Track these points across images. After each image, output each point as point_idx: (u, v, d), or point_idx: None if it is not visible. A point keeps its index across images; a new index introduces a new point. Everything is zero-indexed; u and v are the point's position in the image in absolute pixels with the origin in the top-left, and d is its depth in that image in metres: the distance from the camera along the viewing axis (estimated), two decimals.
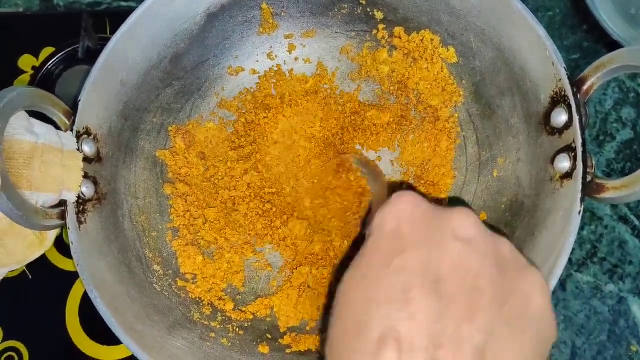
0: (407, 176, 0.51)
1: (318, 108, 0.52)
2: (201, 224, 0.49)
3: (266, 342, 0.45)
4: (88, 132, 0.43)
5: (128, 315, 0.40)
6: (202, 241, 0.49)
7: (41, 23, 0.64)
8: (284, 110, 0.52)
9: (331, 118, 0.52)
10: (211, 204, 0.50)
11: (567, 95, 0.39)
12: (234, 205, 0.50)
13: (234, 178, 0.51)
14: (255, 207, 0.50)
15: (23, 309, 0.53)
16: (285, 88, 0.53)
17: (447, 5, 0.47)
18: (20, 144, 0.37)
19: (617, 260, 0.54)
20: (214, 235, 0.49)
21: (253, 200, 0.50)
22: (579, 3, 0.60)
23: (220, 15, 0.50)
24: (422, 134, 0.51)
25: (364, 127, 0.52)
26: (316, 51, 0.54)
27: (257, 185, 0.51)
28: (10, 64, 0.61)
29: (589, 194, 0.38)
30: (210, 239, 0.49)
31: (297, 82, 0.54)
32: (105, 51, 0.44)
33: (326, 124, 0.52)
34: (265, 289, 0.49)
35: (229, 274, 0.48)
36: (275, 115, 0.52)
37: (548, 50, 0.40)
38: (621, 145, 0.57)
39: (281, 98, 0.53)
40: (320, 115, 0.52)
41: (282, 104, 0.53)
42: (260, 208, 0.50)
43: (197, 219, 0.49)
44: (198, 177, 0.50)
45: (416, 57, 0.51)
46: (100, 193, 0.44)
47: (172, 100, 0.51)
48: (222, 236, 0.49)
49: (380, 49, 0.52)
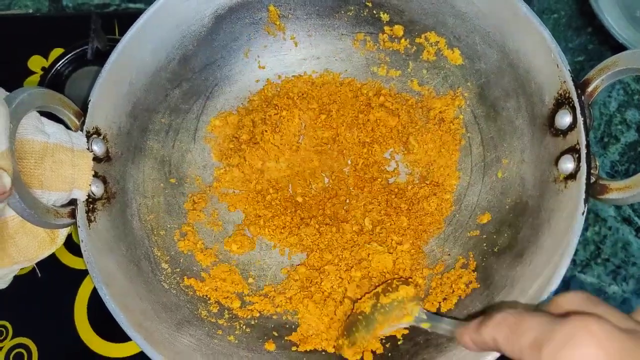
0: (412, 176, 0.51)
1: (325, 108, 0.53)
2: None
3: (272, 340, 0.45)
4: (98, 132, 0.44)
5: (136, 312, 0.41)
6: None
7: (50, 24, 0.65)
8: (292, 109, 0.53)
9: (338, 116, 0.53)
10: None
11: (572, 97, 0.39)
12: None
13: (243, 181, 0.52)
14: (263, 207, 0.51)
15: (32, 306, 0.54)
16: (292, 88, 0.54)
17: (452, 8, 0.47)
18: (32, 144, 0.38)
19: (620, 262, 0.54)
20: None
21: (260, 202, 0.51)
22: (584, 6, 0.61)
23: (227, 17, 0.50)
24: (427, 135, 0.51)
25: (370, 127, 0.52)
26: (323, 52, 0.55)
27: (264, 188, 0.52)
28: (20, 64, 0.62)
29: (593, 195, 0.38)
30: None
31: (304, 82, 0.54)
32: (114, 53, 0.45)
33: (333, 122, 0.52)
34: (273, 287, 0.49)
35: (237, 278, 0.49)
36: (283, 113, 0.53)
37: (552, 53, 0.40)
38: (625, 147, 0.57)
39: (289, 98, 0.53)
40: (325, 115, 0.53)
41: (289, 104, 0.53)
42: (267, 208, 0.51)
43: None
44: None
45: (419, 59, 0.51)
46: (110, 192, 0.44)
47: (180, 100, 0.51)
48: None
49: (386, 51, 0.53)
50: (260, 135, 0.52)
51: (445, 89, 0.51)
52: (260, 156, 0.52)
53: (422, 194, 0.50)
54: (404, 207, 0.50)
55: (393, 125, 0.52)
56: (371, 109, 0.52)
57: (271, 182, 0.52)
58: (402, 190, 0.51)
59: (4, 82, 0.60)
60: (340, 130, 0.52)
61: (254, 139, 0.52)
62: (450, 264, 0.47)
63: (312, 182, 0.52)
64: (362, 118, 0.52)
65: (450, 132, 0.51)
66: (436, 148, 0.51)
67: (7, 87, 0.39)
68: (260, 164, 0.52)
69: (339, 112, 0.53)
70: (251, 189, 0.52)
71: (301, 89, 0.54)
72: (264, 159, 0.52)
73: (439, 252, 0.48)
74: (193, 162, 0.53)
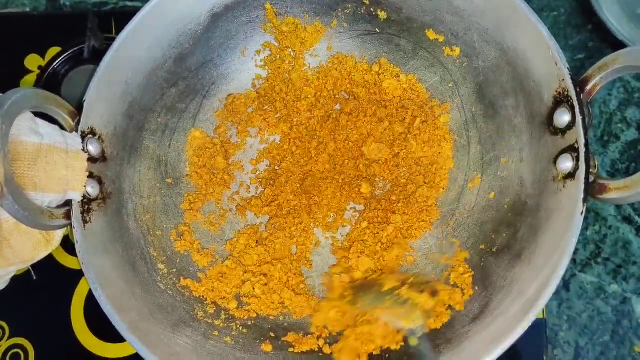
0: (410, 175, 0.51)
1: (320, 106, 0.53)
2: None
3: (269, 341, 0.45)
4: (93, 132, 0.44)
5: (132, 314, 0.41)
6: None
7: (47, 23, 0.64)
8: (288, 107, 0.53)
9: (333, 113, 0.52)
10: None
11: (570, 96, 0.39)
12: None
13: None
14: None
15: (29, 306, 0.54)
16: (289, 87, 0.54)
17: (450, 5, 0.47)
18: (25, 145, 0.38)
19: (621, 261, 0.54)
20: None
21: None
22: (583, 3, 0.60)
23: (224, 15, 0.50)
24: (425, 134, 0.51)
25: (366, 124, 0.52)
26: (320, 51, 0.54)
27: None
28: (16, 63, 0.61)
29: (592, 194, 0.37)
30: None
31: (301, 80, 0.54)
32: (109, 52, 0.44)
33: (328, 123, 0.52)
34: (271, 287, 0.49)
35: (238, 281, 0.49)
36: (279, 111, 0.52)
37: (551, 50, 0.40)
38: (625, 145, 0.57)
39: (285, 96, 0.53)
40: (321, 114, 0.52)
41: (285, 102, 0.53)
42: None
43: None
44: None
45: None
46: (105, 192, 0.44)
47: (177, 100, 0.51)
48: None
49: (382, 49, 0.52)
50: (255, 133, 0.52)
51: (443, 87, 0.51)
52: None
53: (419, 193, 0.49)
54: (400, 206, 0.49)
55: (388, 123, 0.51)
56: (366, 104, 0.52)
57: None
58: (401, 188, 0.51)
59: (1, 81, 0.61)
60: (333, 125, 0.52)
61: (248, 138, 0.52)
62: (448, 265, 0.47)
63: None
64: (360, 117, 0.52)
65: (448, 131, 0.50)
66: (434, 146, 0.50)
67: (3, 85, 0.39)
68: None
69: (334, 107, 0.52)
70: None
71: (298, 87, 0.54)
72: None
73: (437, 250, 0.48)
74: (189, 161, 0.52)
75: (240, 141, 0.53)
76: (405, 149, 0.51)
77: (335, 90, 0.53)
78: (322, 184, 0.51)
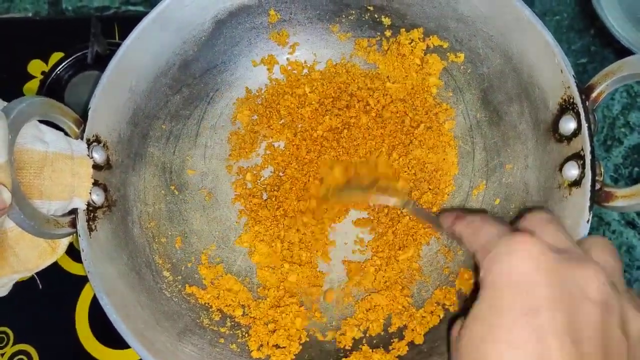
0: (415, 181, 0.51)
1: (324, 112, 0.53)
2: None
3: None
4: (98, 139, 0.43)
5: (138, 322, 0.41)
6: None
7: (50, 28, 0.64)
8: (292, 113, 0.53)
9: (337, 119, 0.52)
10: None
11: (576, 103, 0.39)
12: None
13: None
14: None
15: (33, 312, 0.54)
16: (293, 93, 0.54)
17: (454, 12, 0.47)
18: (31, 154, 0.38)
19: (625, 265, 0.54)
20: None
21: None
22: (586, 7, 0.60)
23: (228, 21, 0.50)
24: (430, 140, 0.51)
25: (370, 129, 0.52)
26: (324, 57, 0.54)
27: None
28: (19, 68, 0.61)
29: (598, 202, 0.37)
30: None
31: (305, 86, 0.54)
32: (114, 59, 0.44)
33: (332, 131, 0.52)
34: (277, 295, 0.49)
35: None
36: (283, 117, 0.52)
37: (556, 57, 0.40)
38: (629, 149, 0.57)
39: (289, 102, 0.53)
40: (327, 119, 0.52)
41: (289, 109, 0.53)
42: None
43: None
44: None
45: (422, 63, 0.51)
46: (110, 200, 0.44)
47: (181, 106, 0.51)
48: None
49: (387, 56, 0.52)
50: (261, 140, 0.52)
51: (447, 93, 0.51)
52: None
53: (424, 199, 0.49)
54: (406, 212, 0.49)
55: (392, 129, 0.51)
56: (371, 109, 0.52)
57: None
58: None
59: (4, 87, 0.61)
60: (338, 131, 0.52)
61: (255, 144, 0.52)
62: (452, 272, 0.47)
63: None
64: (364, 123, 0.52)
65: (453, 137, 0.50)
66: (438, 153, 0.50)
67: (6, 91, 0.38)
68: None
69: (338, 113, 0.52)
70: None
71: (303, 92, 0.54)
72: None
73: (441, 258, 0.48)
74: (194, 168, 0.52)
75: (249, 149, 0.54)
76: (410, 155, 0.51)
77: (339, 97, 0.53)
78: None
